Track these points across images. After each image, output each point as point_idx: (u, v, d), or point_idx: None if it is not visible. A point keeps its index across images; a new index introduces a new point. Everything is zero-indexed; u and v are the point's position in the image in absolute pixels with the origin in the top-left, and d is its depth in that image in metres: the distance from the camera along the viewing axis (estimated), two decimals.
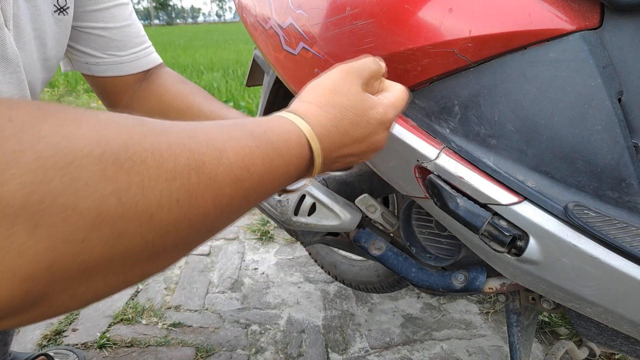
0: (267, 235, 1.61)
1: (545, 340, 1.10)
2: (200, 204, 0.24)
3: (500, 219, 0.49)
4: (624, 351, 0.60)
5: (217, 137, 0.27)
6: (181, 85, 0.71)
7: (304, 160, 0.35)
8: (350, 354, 1.05)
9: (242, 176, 0.27)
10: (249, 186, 0.28)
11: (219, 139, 0.27)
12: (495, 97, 0.49)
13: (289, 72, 0.73)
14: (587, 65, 0.43)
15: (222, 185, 0.26)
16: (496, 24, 0.46)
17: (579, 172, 0.45)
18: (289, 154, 0.32)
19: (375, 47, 0.55)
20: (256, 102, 3.39)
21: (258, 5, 0.79)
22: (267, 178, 0.30)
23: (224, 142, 0.27)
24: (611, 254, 0.43)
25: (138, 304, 1.22)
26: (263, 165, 0.29)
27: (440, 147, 0.53)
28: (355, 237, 0.84)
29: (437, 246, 0.77)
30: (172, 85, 0.70)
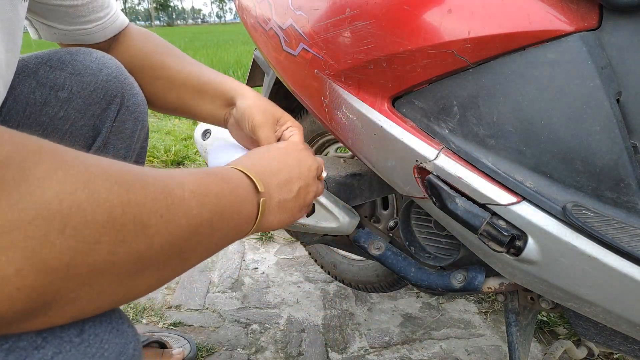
0: (267, 235, 1.61)
1: (543, 339, 1.10)
2: (177, 221, 0.31)
3: (499, 219, 0.50)
4: (622, 351, 0.61)
5: (178, 175, 0.35)
6: (151, 44, 0.74)
7: (246, 184, 0.43)
8: (350, 353, 1.05)
9: (203, 199, 0.35)
10: (211, 208, 0.35)
11: (179, 175, 0.35)
12: (494, 97, 0.49)
13: (289, 73, 0.73)
14: (585, 66, 0.44)
15: (190, 206, 0.33)
16: (495, 25, 0.47)
17: (577, 173, 0.46)
18: (233, 180, 0.41)
19: (374, 48, 0.56)
20: None
21: (258, 6, 0.80)
22: (224, 201, 0.37)
23: (184, 177, 0.35)
24: (609, 254, 0.43)
25: (138, 303, 1.22)
26: (216, 189, 0.37)
27: (439, 148, 0.54)
28: (354, 236, 0.84)
29: (436, 246, 0.77)
30: (142, 46, 0.74)
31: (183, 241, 0.32)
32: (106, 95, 0.65)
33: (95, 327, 0.30)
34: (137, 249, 0.28)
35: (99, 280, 0.27)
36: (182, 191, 0.33)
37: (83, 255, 0.25)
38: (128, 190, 0.28)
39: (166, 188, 0.31)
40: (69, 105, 0.63)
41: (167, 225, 0.30)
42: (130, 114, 0.68)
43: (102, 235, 0.26)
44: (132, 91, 0.67)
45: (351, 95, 0.62)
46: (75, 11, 0.66)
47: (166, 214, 0.30)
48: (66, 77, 0.63)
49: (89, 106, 0.64)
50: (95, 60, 0.64)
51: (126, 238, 0.27)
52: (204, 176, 0.37)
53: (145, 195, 0.29)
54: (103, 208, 0.26)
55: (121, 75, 0.66)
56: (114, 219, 0.26)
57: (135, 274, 0.29)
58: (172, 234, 0.31)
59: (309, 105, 0.72)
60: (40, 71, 0.63)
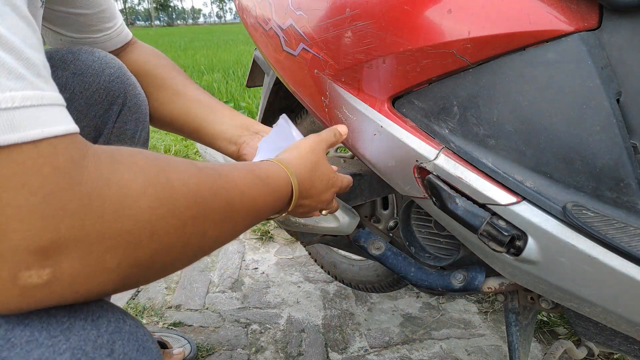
0: (267, 235, 1.61)
1: (544, 339, 1.10)
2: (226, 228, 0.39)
3: (499, 219, 0.50)
4: (622, 351, 0.61)
5: (239, 182, 0.41)
6: (158, 59, 0.74)
7: (286, 195, 0.49)
8: (350, 353, 1.05)
9: (251, 211, 0.42)
10: (253, 214, 0.43)
11: (240, 183, 0.41)
12: (494, 97, 0.49)
13: (289, 73, 0.73)
14: (585, 66, 0.44)
15: (240, 216, 0.40)
16: (495, 25, 0.47)
17: (577, 173, 0.46)
18: (280, 191, 0.48)
19: (374, 48, 0.56)
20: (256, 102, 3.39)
21: (258, 6, 0.80)
22: (265, 208, 0.45)
23: (244, 186, 0.41)
24: (609, 254, 0.43)
25: (139, 303, 1.22)
26: (263, 199, 0.44)
27: (439, 148, 0.54)
28: (354, 236, 0.84)
29: (436, 246, 0.78)
30: (148, 59, 0.74)
31: (225, 240, 0.40)
32: (108, 96, 0.64)
33: (124, 346, 0.31)
34: (194, 250, 0.35)
35: (168, 270, 0.34)
36: (240, 204, 0.40)
37: (162, 255, 0.32)
38: (201, 204, 0.34)
39: (229, 201, 0.38)
40: (70, 106, 0.62)
41: (220, 234, 0.38)
42: (132, 114, 0.67)
43: (176, 242, 0.32)
44: (134, 92, 0.67)
45: (351, 95, 0.62)
46: (85, 19, 0.66)
47: (223, 226, 0.38)
48: (68, 77, 0.62)
49: (91, 107, 0.64)
50: (97, 60, 0.64)
51: (191, 243, 0.34)
52: (259, 186, 0.44)
53: (213, 208, 0.36)
54: (181, 221, 0.32)
55: (123, 76, 0.66)
56: (185, 232, 0.33)
57: (189, 261, 0.37)
58: (220, 240, 0.39)
59: (309, 105, 0.72)
60: None
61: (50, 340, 0.28)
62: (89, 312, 0.31)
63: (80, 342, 0.29)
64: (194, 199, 0.34)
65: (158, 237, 0.31)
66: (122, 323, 0.32)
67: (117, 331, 0.31)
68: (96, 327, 0.30)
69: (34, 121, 0.26)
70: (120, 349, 0.30)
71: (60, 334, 0.28)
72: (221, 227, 0.38)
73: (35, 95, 0.26)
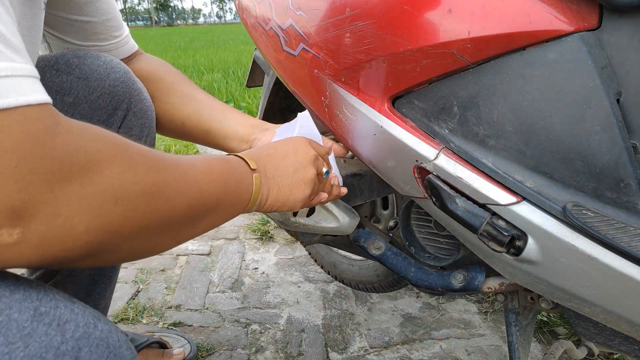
0: (267, 235, 1.61)
1: (543, 339, 1.10)
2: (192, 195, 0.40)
3: (499, 219, 0.50)
4: (622, 351, 0.61)
5: (190, 159, 0.42)
6: (166, 67, 0.75)
7: (242, 164, 0.49)
8: (350, 353, 1.05)
9: (210, 177, 0.43)
10: (217, 185, 0.44)
11: (191, 160, 0.43)
12: (494, 97, 0.49)
13: (289, 73, 0.73)
14: (585, 66, 0.44)
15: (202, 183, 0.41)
16: (495, 25, 0.46)
17: (577, 173, 0.46)
18: (233, 162, 0.48)
19: (374, 48, 0.56)
20: (256, 102, 3.39)
21: (258, 6, 0.80)
22: (226, 177, 0.45)
23: (195, 161, 0.43)
24: (609, 254, 0.43)
25: (139, 303, 1.22)
26: (219, 169, 0.45)
27: (439, 148, 0.54)
28: (354, 236, 0.84)
29: (436, 246, 0.78)
30: (156, 68, 0.74)
31: (196, 210, 0.41)
32: (113, 101, 0.64)
33: (92, 353, 0.30)
34: (163, 216, 0.36)
35: (135, 238, 0.35)
36: (195, 173, 0.41)
37: (127, 220, 0.33)
38: (159, 173, 0.36)
39: (184, 171, 0.40)
40: (74, 110, 0.62)
41: (186, 199, 0.39)
42: (137, 119, 0.67)
43: (140, 207, 0.34)
44: (139, 97, 0.67)
45: (351, 95, 0.62)
46: (92, 27, 0.66)
47: (185, 190, 0.39)
48: (73, 82, 0.62)
49: (95, 111, 0.63)
50: (103, 65, 0.64)
51: (156, 208, 0.35)
52: (210, 160, 0.45)
53: (171, 176, 0.37)
54: (142, 187, 0.34)
55: (129, 80, 0.66)
56: (148, 194, 0.35)
57: (159, 234, 0.37)
58: (189, 205, 0.39)
59: (309, 105, 0.72)
60: (47, 74, 0.62)
61: (7, 347, 0.26)
62: (56, 316, 0.30)
63: (41, 349, 0.27)
64: (152, 168, 0.36)
65: (122, 201, 0.32)
66: (92, 328, 0.31)
67: (85, 337, 0.30)
68: (61, 332, 0.29)
69: (9, 90, 0.27)
70: (86, 356, 0.29)
71: (19, 340, 0.27)
72: (186, 193, 0.39)
73: (11, 67, 0.28)
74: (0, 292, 0.29)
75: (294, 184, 0.54)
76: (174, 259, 1.47)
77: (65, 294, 0.33)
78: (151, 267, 1.41)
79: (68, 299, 0.32)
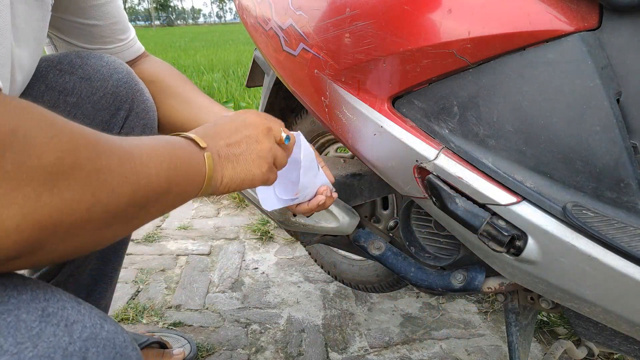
0: (267, 235, 1.61)
1: (543, 339, 1.10)
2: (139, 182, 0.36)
3: (499, 219, 0.50)
4: (622, 351, 0.61)
5: (133, 141, 0.38)
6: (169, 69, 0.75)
7: (190, 144, 0.45)
8: (350, 353, 1.05)
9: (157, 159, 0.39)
10: (166, 166, 0.40)
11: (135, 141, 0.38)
12: (494, 97, 0.49)
13: (289, 73, 0.73)
14: (585, 66, 0.44)
15: (149, 166, 0.37)
16: (495, 25, 0.47)
17: (577, 173, 0.46)
18: (179, 142, 0.44)
19: (374, 48, 0.56)
20: (256, 102, 3.39)
21: (258, 6, 0.80)
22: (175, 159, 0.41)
23: (139, 142, 0.39)
24: (609, 254, 0.43)
25: (139, 303, 1.22)
26: (166, 150, 0.41)
27: (439, 148, 0.54)
28: (354, 236, 0.84)
29: (436, 246, 0.78)
30: (159, 70, 0.74)
31: (145, 197, 0.37)
32: (115, 101, 0.64)
33: (99, 354, 0.30)
34: (107, 207, 0.32)
35: (77, 233, 0.31)
36: (140, 155, 0.37)
37: (66, 214, 0.29)
38: (101, 158, 0.32)
39: (129, 153, 0.36)
40: (77, 111, 0.62)
41: (132, 187, 0.35)
42: (139, 120, 0.67)
43: (82, 196, 0.30)
44: (141, 97, 0.67)
45: (351, 95, 0.62)
46: (98, 31, 0.66)
47: (130, 176, 0.35)
48: (76, 82, 0.62)
49: (97, 112, 0.64)
50: (106, 65, 0.64)
51: (99, 199, 0.31)
52: (154, 141, 0.41)
53: (115, 161, 0.33)
54: (83, 173, 0.30)
55: (132, 81, 0.66)
56: (90, 183, 0.31)
57: (105, 227, 0.33)
58: (136, 192, 0.35)
59: (309, 105, 0.72)
60: (50, 75, 0.62)
61: (16, 347, 0.26)
62: (63, 317, 0.29)
63: (49, 349, 0.27)
64: (98, 151, 0.32)
65: (59, 190, 0.28)
66: (98, 329, 0.31)
67: (92, 337, 0.30)
68: (69, 333, 0.29)
69: None
70: (93, 357, 0.29)
71: (28, 340, 0.27)
72: (129, 179, 0.35)
73: None
74: (9, 293, 0.29)
75: (249, 159, 0.51)
76: (174, 259, 1.47)
77: (71, 295, 0.33)
78: (151, 267, 1.41)
79: (74, 300, 0.32)
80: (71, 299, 0.32)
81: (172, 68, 0.76)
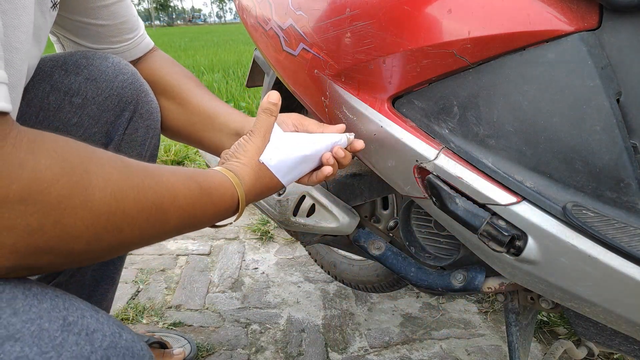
0: (267, 235, 1.61)
1: (544, 339, 1.10)
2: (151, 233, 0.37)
3: (499, 219, 0.50)
4: (622, 351, 0.61)
5: (174, 187, 0.39)
6: (172, 66, 0.74)
7: (231, 206, 0.48)
8: (350, 353, 1.05)
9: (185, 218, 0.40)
10: (188, 222, 0.41)
11: (175, 188, 0.39)
12: (494, 97, 0.49)
13: (289, 73, 0.73)
14: (585, 66, 0.44)
15: (170, 222, 0.38)
16: (495, 25, 0.47)
17: (577, 173, 0.46)
18: (223, 203, 0.46)
19: (374, 48, 0.56)
20: (256, 102, 3.39)
21: (258, 6, 0.80)
22: (202, 219, 0.44)
23: (178, 191, 0.39)
24: (609, 254, 0.43)
25: (139, 303, 1.22)
26: (202, 209, 0.43)
27: (439, 148, 0.54)
28: (354, 236, 0.84)
29: (436, 246, 0.78)
30: (162, 66, 0.73)
31: (149, 240, 0.38)
32: (120, 102, 0.64)
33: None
34: (109, 245, 0.33)
35: (75, 259, 0.32)
36: (171, 208, 0.38)
37: (65, 243, 0.30)
38: (120, 202, 0.33)
39: (156, 202, 0.36)
40: (82, 112, 0.62)
41: (141, 234, 0.36)
42: (143, 121, 0.67)
43: (84, 233, 0.31)
44: (146, 98, 0.67)
45: (351, 95, 0.62)
46: (106, 30, 0.66)
47: (145, 227, 0.36)
48: (81, 83, 0.62)
49: (102, 113, 0.63)
50: (111, 66, 0.64)
51: (103, 238, 0.32)
52: (196, 193, 0.42)
53: (136, 207, 0.34)
54: (93, 215, 0.31)
55: (137, 82, 0.65)
56: (98, 225, 0.31)
57: (103, 256, 0.35)
58: (143, 239, 0.36)
59: (309, 105, 0.72)
60: (55, 75, 0.62)
61: (41, 356, 0.27)
62: (84, 326, 0.30)
63: (73, 358, 0.28)
64: (112, 195, 0.32)
65: (63, 226, 0.30)
66: (118, 338, 0.31)
67: (112, 346, 0.30)
68: (90, 342, 0.29)
69: None
70: None
71: (52, 349, 0.27)
72: (144, 228, 0.36)
73: None
74: (29, 302, 0.29)
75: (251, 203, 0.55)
76: (174, 259, 1.47)
77: (86, 302, 0.33)
78: (151, 267, 1.41)
79: (92, 308, 0.32)
80: (88, 307, 0.32)
81: (175, 64, 0.75)
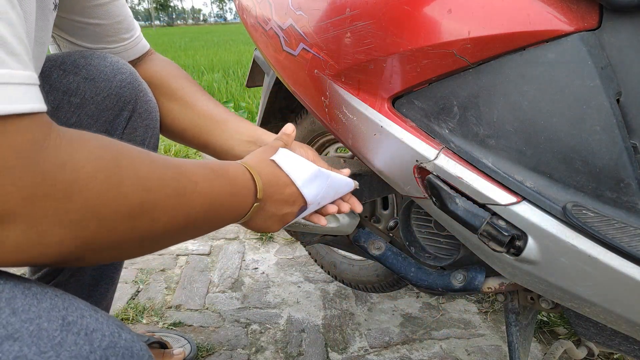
0: (267, 235, 1.61)
1: (543, 339, 1.10)
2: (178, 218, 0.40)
3: (499, 219, 0.50)
4: (622, 351, 0.61)
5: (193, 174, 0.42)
6: (172, 69, 0.74)
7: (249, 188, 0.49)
8: (350, 353, 1.05)
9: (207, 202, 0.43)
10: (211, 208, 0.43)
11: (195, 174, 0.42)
12: (494, 97, 0.49)
13: (289, 73, 0.73)
14: (585, 66, 0.44)
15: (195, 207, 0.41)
16: (495, 25, 0.47)
17: (577, 173, 0.46)
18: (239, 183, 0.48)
19: (374, 48, 0.56)
20: (256, 102, 3.39)
21: (258, 6, 0.80)
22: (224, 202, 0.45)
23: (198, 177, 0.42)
24: (609, 254, 0.43)
25: (139, 303, 1.22)
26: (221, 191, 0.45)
27: (439, 148, 0.54)
28: (354, 236, 0.84)
29: (436, 246, 0.78)
30: (162, 69, 0.74)
31: (179, 230, 0.40)
32: (119, 102, 0.64)
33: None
34: (142, 235, 0.36)
35: (113, 251, 0.35)
36: (193, 194, 0.40)
37: (105, 236, 0.33)
38: (149, 193, 0.35)
39: (182, 190, 0.39)
40: (81, 111, 0.62)
41: (169, 221, 0.38)
42: (142, 120, 0.67)
43: (120, 226, 0.34)
44: (144, 98, 0.66)
45: (351, 95, 0.62)
46: (102, 30, 0.65)
47: (172, 212, 0.38)
48: (79, 82, 0.62)
49: (101, 112, 0.63)
50: (109, 65, 0.64)
51: (136, 226, 0.35)
52: (213, 178, 0.44)
53: (163, 197, 0.37)
54: (127, 207, 0.34)
55: (135, 82, 0.65)
56: (133, 215, 0.34)
57: (139, 248, 0.38)
58: (172, 226, 0.39)
59: (309, 105, 0.72)
60: (54, 75, 0.61)
61: (40, 356, 0.27)
62: (83, 326, 0.30)
63: (72, 358, 0.28)
64: (141, 186, 0.35)
65: (103, 219, 0.32)
66: (117, 337, 0.31)
67: (111, 346, 0.30)
68: (89, 342, 0.29)
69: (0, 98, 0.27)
70: None
71: (51, 349, 0.27)
72: (172, 215, 0.38)
73: (5, 74, 0.28)
74: (28, 301, 0.29)
75: (276, 219, 0.56)
76: (174, 259, 1.47)
77: (86, 302, 0.33)
78: (151, 267, 1.41)
79: (91, 308, 0.33)
80: (88, 306, 0.33)
81: (174, 67, 0.75)
